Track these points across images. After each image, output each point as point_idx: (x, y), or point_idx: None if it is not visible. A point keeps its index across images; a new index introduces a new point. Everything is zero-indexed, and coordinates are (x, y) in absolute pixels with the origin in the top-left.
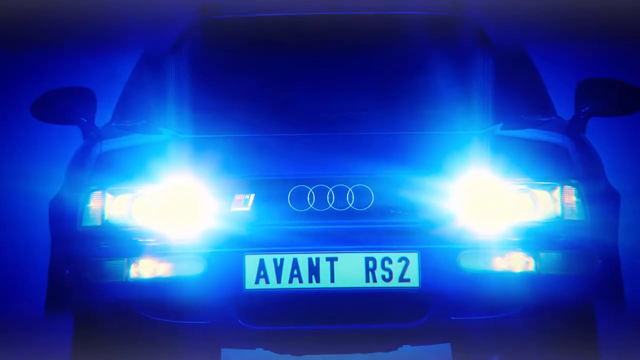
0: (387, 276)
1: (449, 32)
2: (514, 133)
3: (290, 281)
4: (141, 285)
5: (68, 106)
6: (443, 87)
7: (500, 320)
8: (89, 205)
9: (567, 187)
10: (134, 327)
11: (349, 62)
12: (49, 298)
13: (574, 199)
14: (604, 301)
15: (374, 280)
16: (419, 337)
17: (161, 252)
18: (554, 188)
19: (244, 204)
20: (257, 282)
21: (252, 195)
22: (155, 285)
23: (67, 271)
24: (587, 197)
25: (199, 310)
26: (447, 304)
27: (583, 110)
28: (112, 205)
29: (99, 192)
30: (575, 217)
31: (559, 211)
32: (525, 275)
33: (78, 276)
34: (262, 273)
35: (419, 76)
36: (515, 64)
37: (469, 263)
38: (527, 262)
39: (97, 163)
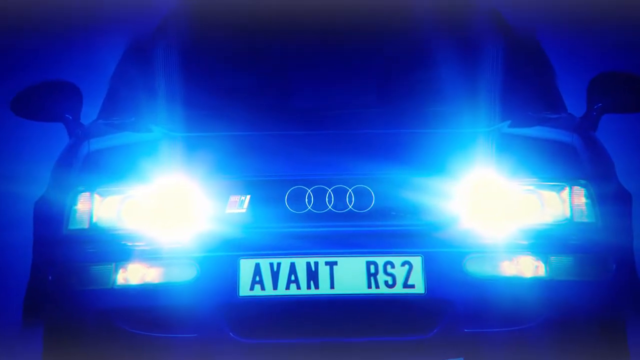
0: (390, 282)
1: (460, 17)
2: (521, 131)
3: (288, 287)
4: (128, 293)
5: (52, 102)
6: (450, 82)
7: (518, 333)
8: (76, 207)
9: (576, 188)
10: (113, 342)
11: (349, 53)
12: (27, 307)
13: (583, 200)
14: (623, 308)
15: (377, 286)
16: (430, 351)
17: (151, 256)
18: (562, 189)
19: (239, 205)
20: (252, 288)
21: (248, 197)
22: (142, 293)
23: (50, 277)
24: (598, 198)
25: (187, 322)
26: (459, 314)
27: (596, 107)
28: (101, 207)
29: (87, 194)
30: (585, 219)
31: (568, 213)
32: (538, 282)
33: (61, 282)
34: (257, 278)
35: (425, 69)
36: (527, 54)
37: (475, 267)
38: (537, 267)
39: (85, 163)
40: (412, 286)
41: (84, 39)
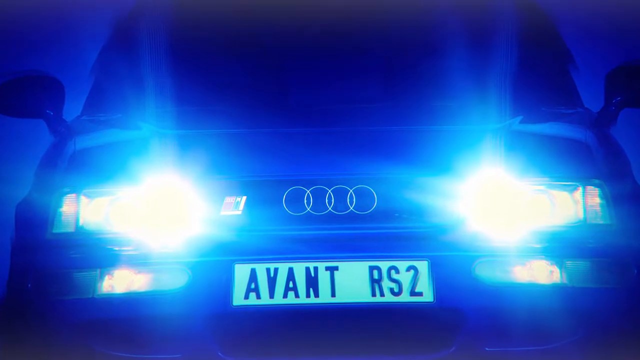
0: (395, 289)
1: (470, 2)
2: (533, 128)
3: (285, 295)
4: (110, 303)
5: (32, 97)
6: (458, 74)
7: (549, 353)
8: (61, 209)
9: (589, 188)
10: None
11: (350, 43)
12: (1, 318)
13: (597, 200)
14: None
15: (381, 294)
16: None
17: (140, 261)
18: (575, 189)
19: (234, 207)
20: (246, 297)
21: (244, 198)
22: (126, 302)
23: (30, 285)
24: (613, 199)
25: (172, 338)
26: (475, 328)
27: (614, 101)
28: (88, 210)
29: (73, 195)
30: (599, 221)
31: (581, 214)
32: (557, 289)
33: (38, 292)
34: (252, 286)
35: (431, 60)
36: (543, 43)
37: (486, 272)
38: (552, 272)
39: (71, 162)
40: (420, 294)
41: (65, 28)
